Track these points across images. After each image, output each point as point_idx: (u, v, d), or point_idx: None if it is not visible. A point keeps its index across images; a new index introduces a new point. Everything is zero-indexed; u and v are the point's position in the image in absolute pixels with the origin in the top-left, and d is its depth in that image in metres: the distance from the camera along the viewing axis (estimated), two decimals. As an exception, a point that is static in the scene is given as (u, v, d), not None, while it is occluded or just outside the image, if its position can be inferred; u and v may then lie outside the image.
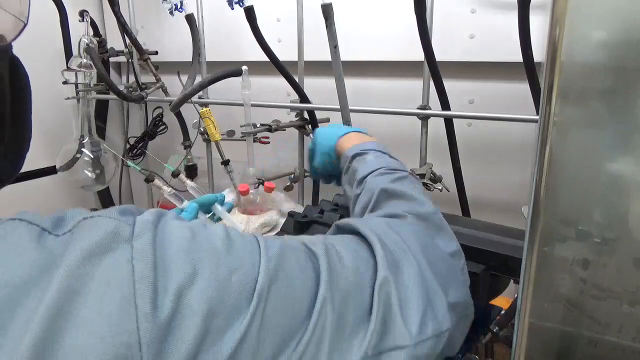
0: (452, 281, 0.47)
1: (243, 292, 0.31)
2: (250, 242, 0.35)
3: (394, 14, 1.14)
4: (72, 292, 0.25)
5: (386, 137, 1.25)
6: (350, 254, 0.41)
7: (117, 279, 0.27)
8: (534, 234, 0.40)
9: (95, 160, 1.42)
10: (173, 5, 1.27)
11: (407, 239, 0.46)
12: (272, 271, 0.33)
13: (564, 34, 0.34)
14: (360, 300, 0.38)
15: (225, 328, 0.29)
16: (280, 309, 0.33)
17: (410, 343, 0.39)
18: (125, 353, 0.25)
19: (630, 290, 0.39)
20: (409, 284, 0.41)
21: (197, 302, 0.28)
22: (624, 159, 0.38)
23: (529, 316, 0.42)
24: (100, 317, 0.25)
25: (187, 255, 0.30)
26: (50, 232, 0.29)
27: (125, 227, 0.30)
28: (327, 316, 0.35)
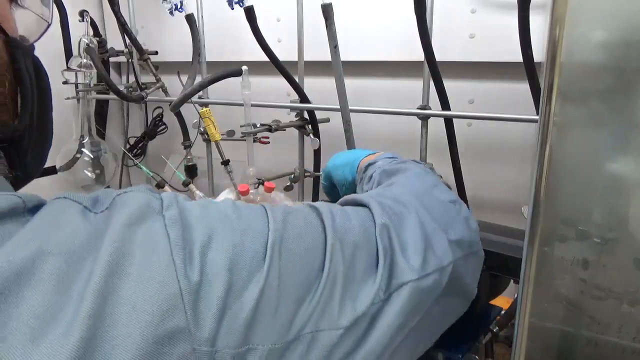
0: (451, 222, 0.50)
1: (257, 248, 0.34)
2: (257, 208, 0.39)
3: (394, 14, 1.14)
4: (120, 254, 0.29)
5: (386, 137, 1.26)
6: (352, 212, 0.44)
7: (156, 241, 0.30)
8: (534, 234, 0.40)
9: (95, 160, 1.42)
10: (173, 5, 1.27)
11: (401, 195, 0.50)
12: (280, 227, 0.36)
13: (564, 34, 0.34)
14: (367, 249, 0.41)
15: (247, 281, 0.32)
16: (294, 260, 0.36)
17: (413, 277, 0.42)
18: (172, 302, 0.28)
19: (630, 290, 0.39)
20: (407, 227, 0.45)
21: (218, 258, 0.32)
22: (624, 159, 0.38)
23: (529, 316, 0.42)
24: (148, 272, 0.29)
25: (203, 223, 0.33)
26: (90, 210, 0.32)
27: (154, 200, 0.34)
28: (339, 263, 0.38)
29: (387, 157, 0.71)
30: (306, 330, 0.35)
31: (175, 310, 0.28)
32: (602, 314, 0.41)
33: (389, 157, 0.70)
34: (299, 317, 0.35)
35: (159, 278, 0.29)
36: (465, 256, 0.48)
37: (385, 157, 0.70)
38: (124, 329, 0.27)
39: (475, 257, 0.52)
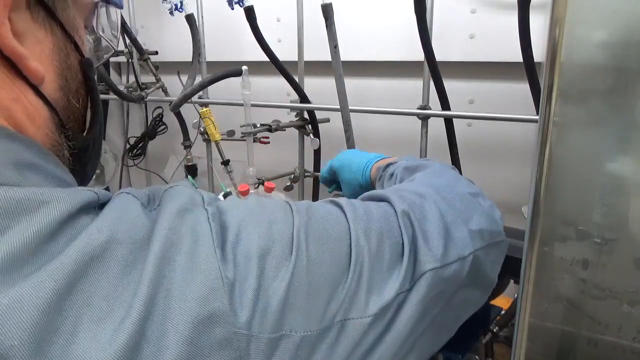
0: (472, 212, 0.50)
1: (284, 238, 0.36)
2: (280, 202, 0.40)
3: (394, 14, 1.14)
4: (169, 242, 0.31)
5: (386, 137, 1.26)
6: (373, 205, 0.45)
7: (201, 232, 0.33)
8: (534, 234, 0.40)
9: (95, 160, 1.42)
10: (173, 5, 1.27)
11: (421, 188, 0.51)
12: (304, 218, 0.38)
13: (564, 34, 0.34)
14: (392, 238, 0.42)
15: (277, 269, 0.34)
16: (321, 248, 0.37)
17: (437, 265, 0.42)
18: (214, 287, 0.31)
19: (630, 290, 0.39)
20: (427, 217, 0.46)
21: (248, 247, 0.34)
22: (623, 159, 0.38)
23: (529, 316, 0.42)
24: (194, 261, 0.31)
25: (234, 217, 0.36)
26: (146, 207, 0.35)
27: (197, 195, 0.37)
28: (364, 252, 0.39)
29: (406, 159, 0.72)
30: (337, 319, 0.36)
31: (218, 294, 0.31)
32: (602, 314, 0.41)
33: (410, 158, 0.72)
34: (332, 305, 0.36)
35: (204, 266, 0.31)
36: (487, 246, 0.49)
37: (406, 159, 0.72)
38: (172, 312, 0.29)
39: (497, 247, 0.52)
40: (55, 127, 0.38)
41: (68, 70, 0.40)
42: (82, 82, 0.42)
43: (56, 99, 0.38)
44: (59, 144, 0.39)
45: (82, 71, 0.42)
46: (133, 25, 1.42)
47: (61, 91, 0.39)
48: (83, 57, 0.41)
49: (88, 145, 0.43)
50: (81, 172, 0.43)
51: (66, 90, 0.39)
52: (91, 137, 0.44)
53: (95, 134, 0.44)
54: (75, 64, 0.41)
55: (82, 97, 0.42)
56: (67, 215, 0.30)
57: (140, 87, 1.41)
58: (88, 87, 0.43)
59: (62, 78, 0.39)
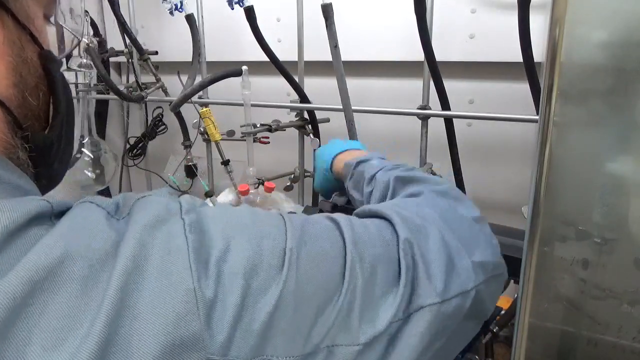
0: (476, 242, 0.47)
1: (274, 254, 0.33)
2: (274, 215, 0.38)
3: (394, 14, 1.14)
4: (138, 258, 0.28)
5: (386, 137, 1.26)
6: (372, 225, 0.43)
7: (175, 245, 0.30)
8: (534, 234, 0.40)
9: (95, 160, 1.43)
10: (173, 5, 1.27)
11: (425, 210, 0.48)
12: (299, 234, 0.35)
13: (564, 34, 0.34)
14: (388, 264, 0.40)
15: (264, 289, 0.31)
16: (313, 267, 0.35)
17: (436, 300, 0.40)
18: (187, 308, 0.28)
19: (630, 290, 0.39)
20: (430, 245, 0.43)
21: (235, 265, 0.31)
22: (623, 159, 0.38)
23: (529, 316, 0.42)
24: (166, 278, 0.28)
25: (221, 230, 0.33)
26: (112, 216, 0.32)
27: (174, 204, 0.33)
28: (358, 277, 0.36)
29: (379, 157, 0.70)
30: (323, 345, 0.34)
31: (191, 317, 0.28)
32: (602, 314, 0.41)
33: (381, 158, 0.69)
34: (317, 329, 0.34)
35: (176, 284, 0.28)
36: (488, 279, 0.46)
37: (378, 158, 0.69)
38: (139, 335, 0.26)
39: (499, 279, 0.50)
40: (8, 127, 0.35)
41: (24, 64, 0.36)
42: (43, 77, 0.39)
43: (9, 96, 0.35)
44: (12, 145, 0.35)
45: (42, 65, 0.38)
46: (133, 25, 1.42)
47: (15, 88, 0.36)
48: (42, 50, 0.38)
49: (51, 144, 0.40)
50: (47, 173, 0.41)
51: (21, 87, 0.36)
52: (54, 135, 0.40)
53: (57, 130, 0.40)
54: (33, 58, 0.37)
55: (42, 93, 0.39)
56: (15, 228, 0.27)
57: (140, 87, 1.41)
58: (49, 82, 0.39)
59: (15, 74, 0.36)
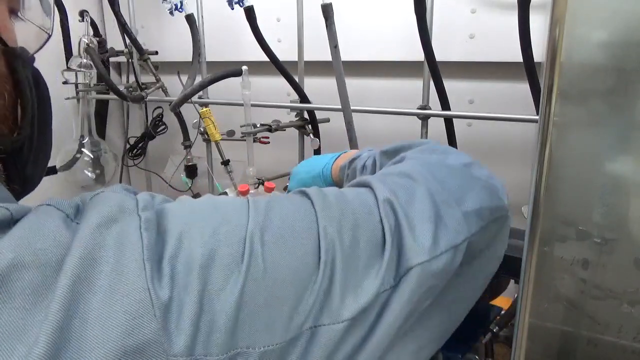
0: (468, 189, 0.44)
1: (234, 240, 0.31)
2: (238, 200, 0.36)
3: (394, 14, 1.14)
4: (88, 261, 0.27)
5: (386, 137, 1.26)
6: (349, 192, 0.40)
7: (129, 244, 0.28)
8: (534, 234, 0.40)
9: (95, 160, 1.42)
10: (173, 5, 1.27)
11: (408, 168, 0.45)
12: (262, 214, 0.33)
13: (564, 34, 0.34)
14: (371, 230, 0.37)
15: (224, 281, 0.29)
16: (282, 247, 0.32)
17: (424, 259, 0.37)
18: (141, 312, 0.26)
19: (630, 290, 0.39)
20: (414, 201, 0.40)
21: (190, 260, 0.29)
22: (624, 159, 0.38)
23: (529, 316, 0.42)
24: (117, 281, 0.27)
25: (176, 223, 0.31)
26: (72, 220, 0.30)
27: (130, 200, 0.32)
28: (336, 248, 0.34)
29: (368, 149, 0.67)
30: (306, 326, 0.32)
31: (145, 320, 0.26)
32: (602, 314, 0.41)
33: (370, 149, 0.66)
34: (298, 312, 0.31)
35: (128, 286, 0.27)
36: (486, 226, 0.43)
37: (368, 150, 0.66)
38: (90, 342, 0.25)
39: (499, 222, 0.46)
40: None
41: None
42: (7, 76, 0.37)
43: None
44: None
45: (6, 62, 0.37)
46: (133, 25, 1.42)
47: None
48: (6, 46, 0.37)
49: (22, 146, 0.38)
50: (20, 175, 0.39)
51: None
52: (22, 137, 0.38)
53: (27, 132, 0.39)
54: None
55: (7, 93, 0.37)
56: None
57: (140, 87, 1.41)
58: (15, 81, 0.37)
59: None
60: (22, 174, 0.40)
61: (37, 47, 0.42)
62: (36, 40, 0.42)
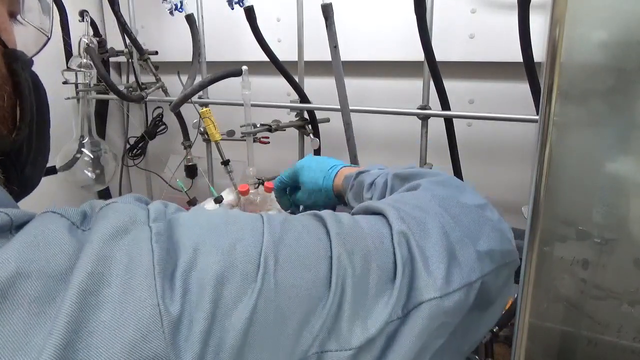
0: (481, 230, 0.44)
1: (249, 259, 0.31)
2: (252, 217, 0.36)
3: (394, 14, 1.14)
4: (97, 273, 0.27)
5: (386, 137, 1.26)
6: (363, 220, 0.40)
7: (138, 257, 0.28)
8: (534, 234, 0.40)
9: (95, 160, 1.42)
10: (173, 5, 1.27)
11: (423, 201, 0.45)
12: (277, 235, 0.33)
13: (564, 34, 0.34)
14: (382, 259, 0.37)
15: (236, 300, 0.29)
16: (294, 270, 0.32)
17: (436, 295, 0.37)
18: (149, 327, 0.26)
19: (630, 290, 0.39)
20: (429, 237, 0.40)
21: (203, 275, 0.29)
22: (624, 159, 0.38)
23: (529, 316, 0.42)
24: (126, 295, 0.26)
25: (190, 236, 0.31)
26: (78, 227, 0.30)
27: (141, 211, 0.31)
28: (347, 274, 0.34)
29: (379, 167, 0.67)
30: (312, 351, 0.31)
31: (154, 336, 0.26)
32: (602, 314, 0.41)
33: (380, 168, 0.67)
34: (304, 336, 0.31)
35: (138, 301, 0.26)
36: (497, 269, 0.43)
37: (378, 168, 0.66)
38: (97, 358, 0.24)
39: (509, 267, 0.46)
40: None
41: None
42: (7, 77, 0.37)
43: None
44: None
45: (6, 64, 0.37)
46: (133, 25, 1.42)
47: None
48: (6, 48, 0.37)
49: (20, 147, 0.38)
50: (19, 178, 0.39)
51: None
52: (21, 138, 0.38)
53: (26, 133, 0.39)
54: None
55: (7, 95, 0.37)
56: None
57: (140, 87, 1.41)
58: (15, 83, 0.37)
59: None
60: (21, 175, 0.39)
61: (36, 50, 0.42)
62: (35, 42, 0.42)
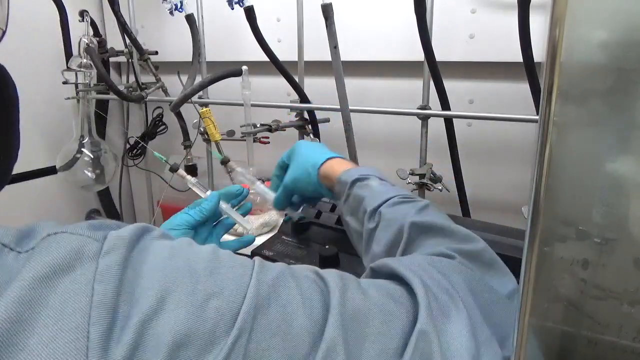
0: (509, 327, 0.38)
1: (221, 321, 0.26)
2: (242, 264, 0.30)
3: (394, 14, 1.14)
4: (20, 320, 0.22)
5: (386, 137, 1.26)
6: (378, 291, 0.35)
7: (73, 304, 0.24)
8: (534, 234, 0.40)
9: (95, 160, 1.42)
10: (173, 5, 1.27)
11: (455, 283, 0.40)
12: (263, 298, 0.28)
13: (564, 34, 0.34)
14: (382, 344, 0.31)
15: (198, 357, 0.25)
16: (272, 342, 0.27)
17: None
18: None
19: (630, 290, 0.39)
20: (455, 335, 0.34)
21: (163, 332, 0.25)
22: (624, 159, 0.38)
23: (529, 316, 0.42)
24: (46, 350, 0.22)
25: (158, 278, 0.26)
26: (12, 249, 0.26)
27: (91, 243, 0.26)
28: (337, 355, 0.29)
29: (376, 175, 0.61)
30: None
31: None
32: (602, 314, 0.41)
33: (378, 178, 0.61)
34: None
35: (59, 356, 0.22)
36: None
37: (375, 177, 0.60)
38: None
39: None
40: None
41: None
42: None
43: None
44: None
45: None
46: (133, 25, 1.42)
47: None
48: None
49: None
50: None
51: None
52: None
53: None
54: None
55: None
56: None
57: (140, 87, 1.41)
58: None
59: None
60: None
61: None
62: None
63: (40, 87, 1.37)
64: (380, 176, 0.63)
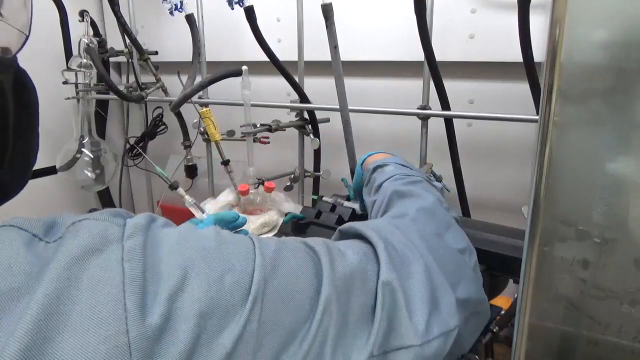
0: (461, 277, 0.46)
1: (237, 292, 0.30)
2: (244, 242, 0.34)
3: (394, 14, 1.14)
4: (60, 296, 0.25)
5: (386, 137, 1.26)
6: (353, 252, 0.40)
7: (107, 280, 0.26)
8: (534, 234, 0.40)
9: (95, 160, 1.42)
10: (173, 5, 1.27)
11: (412, 237, 0.46)
12: (269, 268, 0.33)
13: (564, 34, 0.34)
14: (364, 298, 0.37)
15: (221, 328, 0.29)
16: (280, 306, 0.32)
17: (417, 342, 0.37)
18: (115, 356, 0.24)
19: (630, 290, 0.39)
20: (414, 281, 0.40)
21: (189, 305, 0.28)
22: (624, 159, 0.38)
23: (529, 316, 0.42)
24: (90, 320, 0.25)
25: (177, 259, 0.29)
26: (41, 239, 0.28)
27: (115, 228, 0.29)
28: (332, 315, 0.34)
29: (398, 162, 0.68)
30: None
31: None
32: (602, 314, 0.41)
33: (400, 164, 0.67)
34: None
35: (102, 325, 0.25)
36: (468, 317, 0.44)
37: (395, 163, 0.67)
38: None
39: (480, 317, 0.48)
40: None
41: None
42: None
43: None
44: None
45: None
46: (133, 25, 1.42)
47: None
48: None
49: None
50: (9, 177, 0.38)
51: None
52: None
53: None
54: None
55: None
56: None
57: (140, 87, 1.41)
58: None
59: None
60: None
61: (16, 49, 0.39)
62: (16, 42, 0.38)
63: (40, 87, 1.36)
64: (402, 163, 0.69)
